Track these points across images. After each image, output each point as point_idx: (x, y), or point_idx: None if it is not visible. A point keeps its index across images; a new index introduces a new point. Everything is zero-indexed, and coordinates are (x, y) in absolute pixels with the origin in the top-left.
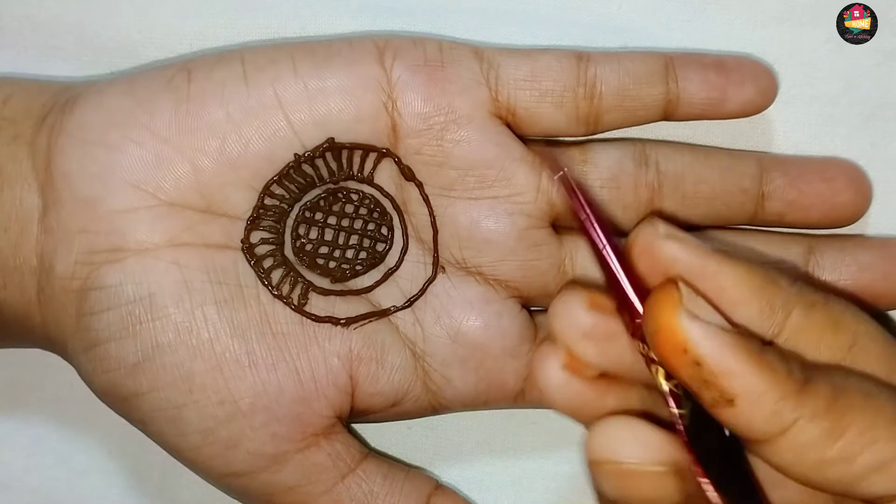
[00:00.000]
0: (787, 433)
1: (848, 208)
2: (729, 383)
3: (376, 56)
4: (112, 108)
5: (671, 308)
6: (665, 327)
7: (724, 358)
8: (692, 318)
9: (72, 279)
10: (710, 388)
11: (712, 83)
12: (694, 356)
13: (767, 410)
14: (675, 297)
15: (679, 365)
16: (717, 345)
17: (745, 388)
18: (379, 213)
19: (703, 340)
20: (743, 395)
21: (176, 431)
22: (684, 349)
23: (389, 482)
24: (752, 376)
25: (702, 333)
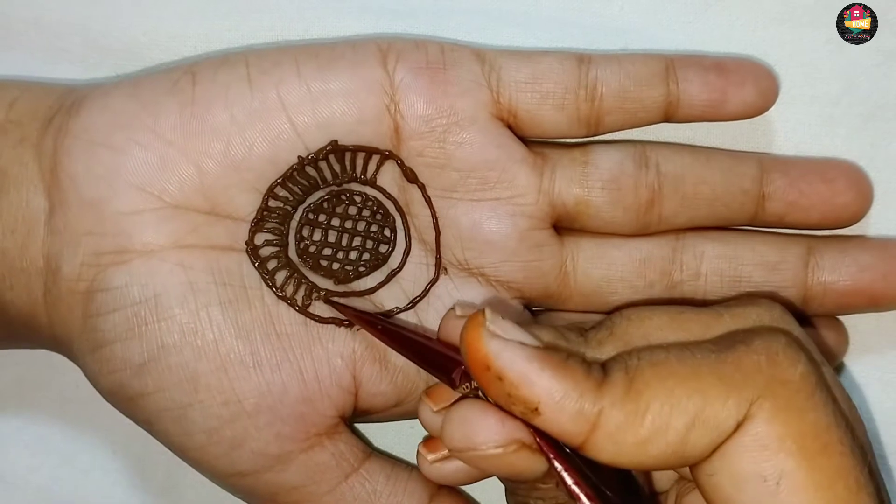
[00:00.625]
0: (597, 427)
1: (848, 210)
2: (529, 392)
3: (379, 59)
4: (117, 111)
5: (475, 330)
6: (470, 347)
7: (520, 368)
8: (492, 336)
9: (78, 280)
10: (515, 401)
11: (713, 85)
12: (496, 371)
13: (571, 410)
14: (478, 319)
15: (486, 383)
16: (513, 357)
17: (544, 394)
18: (382, 214)
19: (500, 354)
20: (544, 402)
21: (181, 431)
22: (487, 366)
23: (392, 482)
24: (549, 381)
25: (500, 348)
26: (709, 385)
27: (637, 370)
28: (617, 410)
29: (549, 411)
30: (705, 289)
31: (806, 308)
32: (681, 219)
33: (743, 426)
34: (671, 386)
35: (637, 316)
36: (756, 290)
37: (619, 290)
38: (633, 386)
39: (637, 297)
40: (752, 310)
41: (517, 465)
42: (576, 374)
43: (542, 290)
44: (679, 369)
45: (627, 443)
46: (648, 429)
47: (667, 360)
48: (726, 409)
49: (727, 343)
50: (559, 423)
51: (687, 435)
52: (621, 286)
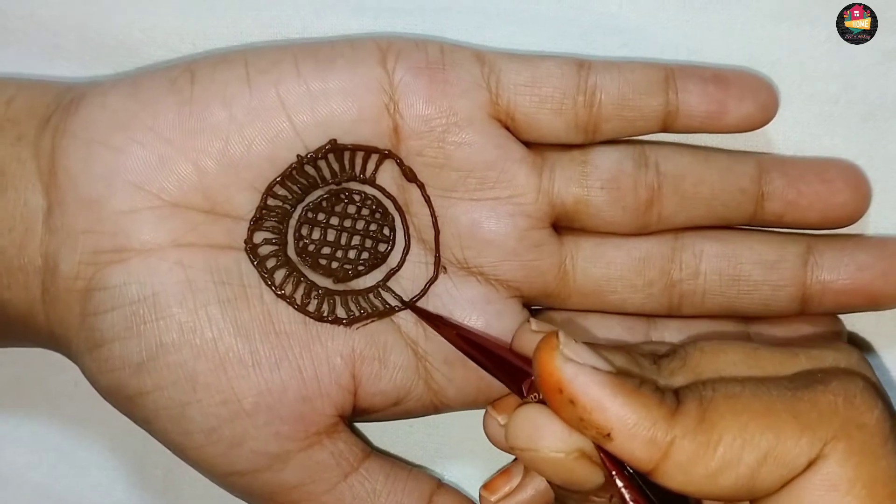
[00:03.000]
0: (668, 455)
1: (846, 209)
2: (602, 417)
3: (378, 58)
4: (116, 109)
5: (549, 353)
6: (543, 370)
7: (593, 394)
8: (566, 360)
9: (76, 279)
10: (587, 425)
11: (712, 96)
12: (568, 395)
13: (643, 438)
14: (553, 343)
15: (558, 406)
16: (587, 381)
17: (617, 420)
18: (381, 213)
19: (574, 378)
20: (617, 428)
21: (180, 430)
22: (560, 389)
23: (392, 481)
24: (623, 407)
25: (574, 372)
26: (783, 422)
27: (711, 401)
28: (689, 441)
29: (622, 438)
30: (704, 287)
31: (805, 307)
32: (680, 218)
33: (814, 465)
34: (745, 420)
35: (711, 349)
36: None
37: (619, 289)
38: (706, 417)
39: (636, 296)
40: (829, 353)
41: (575, 474)
42: (649, 401)
43: (541, 289)
44: (754, 404)
45: (697, 473)
46: (719, 461)
47: (742, 393)
48: (799, 447)
49: (804, 381)
50: (630, 449)
51: (757, 470)
52: (620, 285)
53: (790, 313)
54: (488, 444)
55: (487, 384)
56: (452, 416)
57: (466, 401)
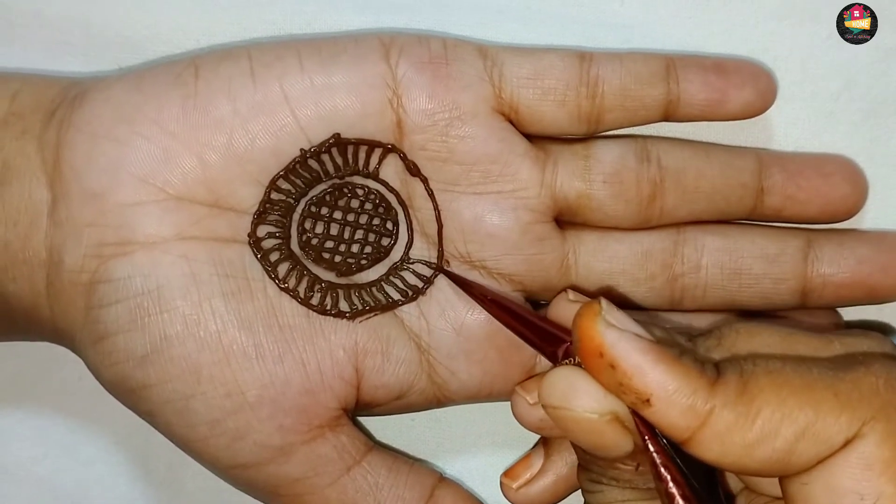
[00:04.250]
0: (706, 424)
1: (845, 203)
2: (642, 383)
3: (382, 53)
4: (120, 103)
5: (591, 317)
6: (584, 334)
7: (635, 359)
8: (607, 325)
9: (80, 272)
10: (626, 390)
11: (713, 85)
12: (609, 359)
13: (682, 405)
14: (595, 308)
15: (597, 369)
16: (629, 347)
17: (657, 386)
18: (384, 207)
19: (616, 343)
20: (657, 394)
21: (183, 423)
22: (600, 353)
23: (394, 475)
24: (663, 374)
25: (616, 338)
26: (823, 399)
27: (752, 375)
28: (728, 411)
29: (661, 404)
30: (706, 281)
31: (805, 300)
32: (681, 212)
33: (851, 444)
34: (785, 395)
35: (747, 330)
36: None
37: (621, 283)
38: (746, 389)
39: (639, 290)
40: (863, 340)
41: (605, 437)
42: (689, 370)
43: (543, 283)
44: (794, 380)
45: (734, 444)
46: (757, 433)
47: (783, 369)
48: (838, 424)
49: (846, 362)
50: (669, 416)
51: (794, 444)
52: (623, 279)
53: (791, 307)
54: (490, 438)
55: (490, 378)
56: (454, 410)
57: (469, 395)
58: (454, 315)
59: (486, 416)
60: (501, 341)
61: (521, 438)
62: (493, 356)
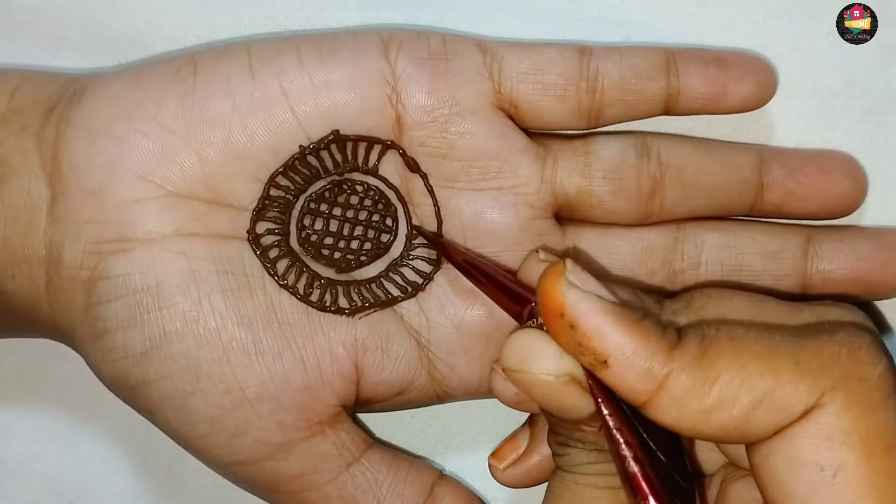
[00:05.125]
0: (663, 388)
1: (845, 199)
2: (601, 344)
3: (381, 49)
4: (119, 100)
5: (554, 277)
6: (547, 294)
7: (595, 320)
8: (570, 286)
9: (80, 269)
10: (585, 351)
11: (713, 78)
12: (569, 319)
13: (640, 368)
14: (559, 269)
15: (558, 330)
16: (589, 308)
17: (615, 348)
18: (383, 204)
19: (577, 304)
20: (615, 356)
21: (183, 420)
22: (561, 313)
23: (394, 472)
24: (622, 336)
25: (577, 299)
26: (783, 367)
27: (713, 340)
28: (686, 375)
29: (618, 366)
30: (706, 277)
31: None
32: (682, 208)
33: (811, 413)
34: (745, 361)
35: (717, 295)
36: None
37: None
38: (706, 354)
39: (639, 286)
40: (834, 309)
41: (564, 399)
42: (649, 333)
43: None
44: (756, 346)
45: (691, 409)
46: (714, 399)
47: (745, 335)
48: (797, 393)
49: (810, 331)
50: (626, 378)
51: (752, 411)
52: (623, 275)
53: None
54: (490, 434)
55: (489, 374)
56: (454, 406)
57: (469, 390)
58: (454, 311)
59: (485, 413)
60: (500, 337)
61: None
62: (492, 352)
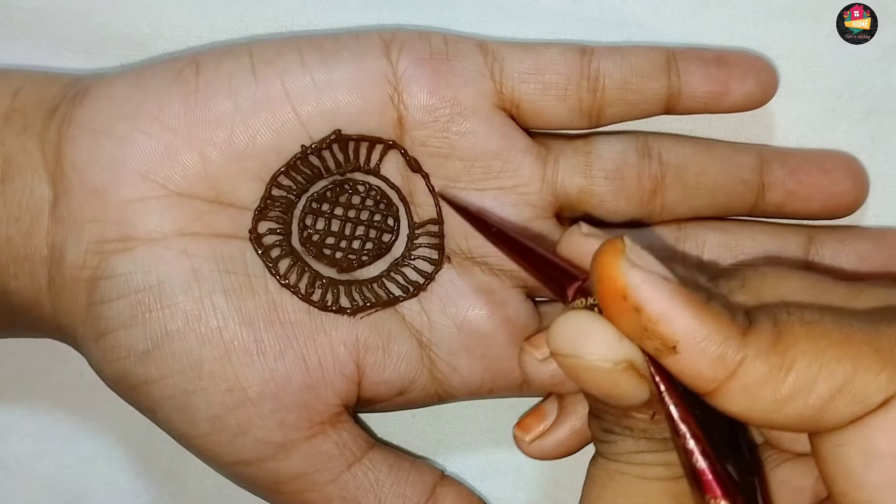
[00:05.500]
0: (735, 375)
1: (846, 199)
2: (669, 329)
3: (382, 49)
4: (121, 100)
5: (613, 257)
6: (606, 276)
7: (662, 303)
8: (632, 266)
9: (82, 268)
10: (651, 336)
11: (714, 77)
12: (634, 303)
13: (711, 354)
14: (618, 247)
15: (620, 313)
16: (655, 291)
17: (685, 333)
18: (385, 204)
19: (642, 286)
20: (684, 341)
21: (184, 419)
22: (624, 296)
23: (395, 472)
24: (693, 320)
25: (641, 280)
26: (863, 354)
27: (787, 324)
28: (760, 362)
29: (688, 352)
30: None
31: None
32: (682, 208)
33: (890, 403)
34: (823, 347)
35: (773, 274)
36: None
37: None
38: (781, 339)
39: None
40: (893, 291)
41: (619, 387)
42: (720, 317)
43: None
44: (833, 332)
45: (764, 398)
46: (790, 387)
47: (821, 320)
48: (877, 381)
49: (885, 316)
50: (696, 365)
51: (830, 401)
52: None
53: None
54: (491, 434)
55: (492, 374)
56: (455, 405)
57: (471, 390)
58: (455, 311)
59: (487, 413)
60: (502, 338)
61: None
62: (493, 352)
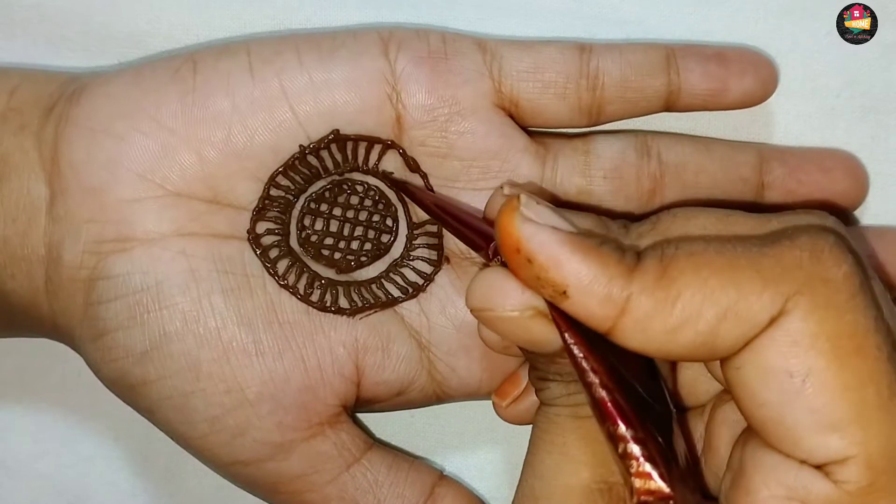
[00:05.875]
0: (625, 312)
1: (845, 198)
2: (558, 274)
3: (381, 48)
4: (119, 99)
5: (510, 213)
6: (503, 230)
7: (549, 252)
8: (524, 220)
9: (79, 268)
10: (544, 284)
11: (713, 74)
12: (526, 253)
13: (599, 295)
14: (513, 204)
15: (517, 265)
16: (544, 240)
17: (573, 277)
18: (384, 204)
19: (533, 237)
20: (573, 285)
21: (183, 420)
22: (517, 248)
23: (394, 472)
24: (578, 264)
25: (532, 231)
26: (745, 278)
27: (672, 258)
28: (646, 297)
29: (577, 294)
30: None
31: None
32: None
33: (777, 321)
34: (706, 276)
35: (683, 214)
36: None
37: None
38: (666, 273)
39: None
40: (802, 216)
41: (532, 333)
42: (607, 259)
43: None
44: (716, 260)
45: (655, 330)
46: (678, 317)
47: (705, 250)
48: (761, 302)
49: (772, 238)
50: (587, 306)
51: (717, 326)
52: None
53: None
54: (489, 434)
55: (490, 375)
56: (453, 406)
57: (469, 391)
58: (454, 312)
59: (485, 413)
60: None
61: (520, 434)
62: (492, 353)
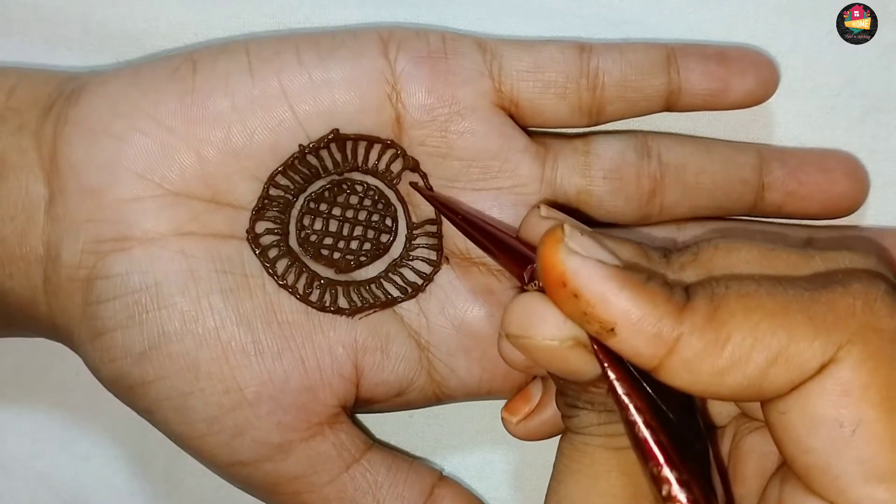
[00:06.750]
0: (674, 352)
1: (846, 199)
2: (606, 312)
3: (380, 48)
4: (118, 98)
5: (553, 244)
6: (547, 263)
7: (598, 287)
8: (570, 253)
9: (78, 268)
10: (591, 319)
11: (714, 74)
12: (572, 288)
13: (648, 333)
14: (557, 235)
15: (562, 299)
16: (592, 276)
17: (621, 314)
18: (383, 204)
19: (579, 272)
20: (622, 323)
21: (181, 420)
22: (563, 282)
23: (393, 473)
24: (628, 302)
25: (578, 265)
26: (797, 323)
27: (723, 299)
28: (696, 338)
29: (626, 332)
30: None
31: None
32: (682, 208)
33: (827, 369)
34: (757, 319)
35: (725, 246)
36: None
37: None
38: (716, 315)
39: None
40: (846, 255)
41: (569, 363)
42: (656, 296)
43: None
44: (767, 303)
45: (703, 371)
46: (727, 360)
47: (756, 292)
48: (812, 349)
49: (823, 282)
50: (635, 345)
51: (766, 370)
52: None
53: None
54: (489, 434)
55: (490, 376)
56: (452, 406)
57: (468, 392)
58: (454, 312)
59: (484, 413)
60: None
61: None
62: (492, 353)
